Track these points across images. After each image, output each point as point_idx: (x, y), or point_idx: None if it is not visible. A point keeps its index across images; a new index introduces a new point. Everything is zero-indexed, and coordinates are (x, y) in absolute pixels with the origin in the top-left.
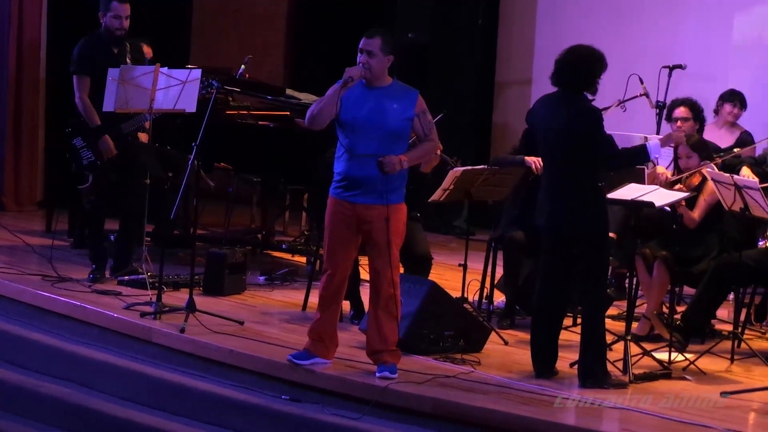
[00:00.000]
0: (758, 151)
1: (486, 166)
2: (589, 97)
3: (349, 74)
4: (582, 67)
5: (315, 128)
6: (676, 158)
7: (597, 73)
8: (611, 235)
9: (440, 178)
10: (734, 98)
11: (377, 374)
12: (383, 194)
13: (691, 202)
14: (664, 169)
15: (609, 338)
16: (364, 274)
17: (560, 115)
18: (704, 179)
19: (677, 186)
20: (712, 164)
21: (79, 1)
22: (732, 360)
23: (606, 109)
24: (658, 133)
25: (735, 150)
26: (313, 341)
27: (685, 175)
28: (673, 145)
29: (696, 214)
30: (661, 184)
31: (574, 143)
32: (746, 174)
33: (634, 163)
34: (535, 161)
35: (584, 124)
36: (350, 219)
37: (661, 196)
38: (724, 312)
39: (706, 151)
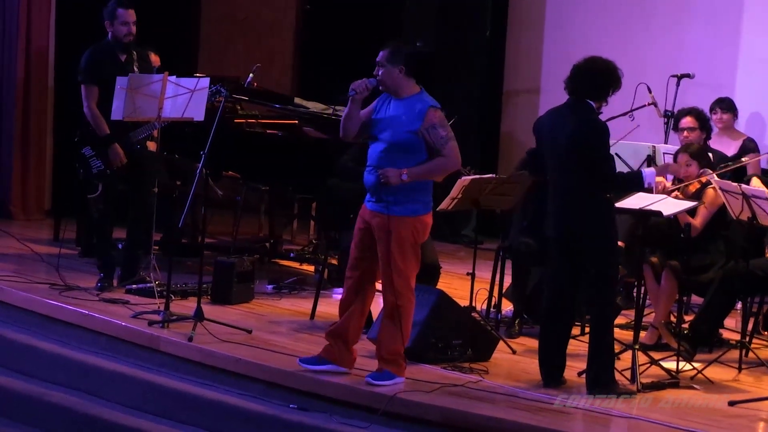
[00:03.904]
0: (763, 163)
1: (494, 175)
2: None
3: (352, 87)
4: (599, 78)
5: (347, 140)
6: None
7: (611, 88)
8: (619, 243)
9: (450, 188)
10: (716, 105)
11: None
12: (387, 204)
13: (692, 211)
14: (662, 178)
15: (617, 347)
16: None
17: (568, 125)
18: (702, 187)
19: (674, 194)
20: (712, 172)
21: (87, 9)
22: (740, 369)
23: (613, 118)
24: (666, 143)
25: (743, 159)
26: (327, 346)
27: (683, 184)
28: (669, 176)
29: (698, 222)
30: (660, 193)
31: (581, 153)
32: (756, 185)
33: (628, 189)
34: None
35: (590, 137)
36: (366, 224)
37: (669, 205)
38: (731, 321)
39: (706, 159)
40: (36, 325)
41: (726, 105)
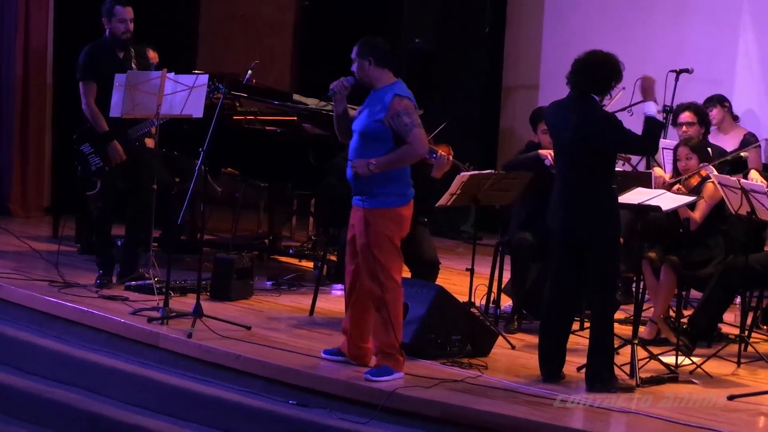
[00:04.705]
0: (764, 157)
1: (493, 171)
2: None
3: (330, 88)
4: (600, 71)
5: (344, 142)
6: (675, 160)
7: (612, 81)
8: None
9: (450, 184)
10: (708, 103)
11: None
12: (363, 198)
13: (691, 204)
14: (662, 171)
15: (616, 342)
16: None
17: (573, 120)
18: (702, 181)
19: (675, 187)
20: (711, 166)
21: (85, 7)
22: (739, 363)
23: (613, 113)
24: (665, 138)
25: (741, 153)
26: (344, 339)
27: (684, 177)
28: (668, 169)
29: (697, 215)
30: (660, 186)
31: (587, 148)
32: (754, 177)
33: (659, 131)
34: (549, 153)
35: (601, 131)
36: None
37: (668, 200)
38: (730, 316)
39: (705, 153)
40: (35, 322)
41: (713, 101)
